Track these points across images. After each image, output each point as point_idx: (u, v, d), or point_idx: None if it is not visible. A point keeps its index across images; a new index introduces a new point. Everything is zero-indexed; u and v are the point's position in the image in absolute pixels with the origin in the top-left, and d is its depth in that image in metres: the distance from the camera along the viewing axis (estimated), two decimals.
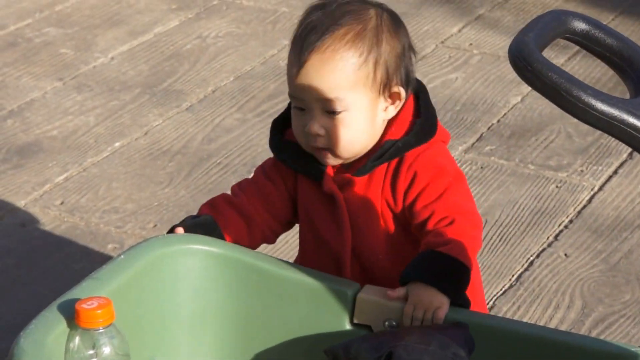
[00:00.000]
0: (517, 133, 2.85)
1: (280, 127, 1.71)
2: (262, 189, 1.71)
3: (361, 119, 1.61)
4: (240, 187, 1.74)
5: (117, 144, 2.82)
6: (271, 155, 1.74)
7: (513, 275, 2.33)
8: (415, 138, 1.63)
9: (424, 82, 3.21)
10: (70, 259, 2.39)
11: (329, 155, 1.63)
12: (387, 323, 1.58)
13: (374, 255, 1.67)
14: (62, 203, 2.59)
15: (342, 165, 1.66)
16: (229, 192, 1.74)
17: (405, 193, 1.64)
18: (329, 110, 1.59)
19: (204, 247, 1.63)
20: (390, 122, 1.65)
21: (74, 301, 1.47)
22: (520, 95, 3.01)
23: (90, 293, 1.50)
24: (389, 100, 1.63)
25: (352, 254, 1.67)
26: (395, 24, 1.63)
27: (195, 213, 1.72)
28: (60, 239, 2.46)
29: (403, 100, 1.64)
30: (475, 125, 2.88)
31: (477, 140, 2.82)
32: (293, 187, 1.71)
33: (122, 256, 1.58)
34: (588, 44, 1.18)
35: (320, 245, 1.69)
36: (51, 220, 2.52)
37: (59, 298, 1.50)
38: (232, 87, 3.08)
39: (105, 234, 2.47)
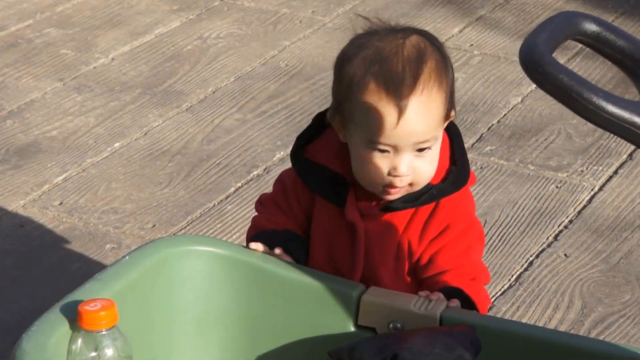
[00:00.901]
0: (517, 133, 2.85)
1: (303, 144, 1.69)
2: (281, 206, 1.71)
3: (438, 150, 1.61)
4: (263, 204, 1.75)
5: (116, 145, 2.81)
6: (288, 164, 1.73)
7: (512, 276, 2.33)
8: (452, 187, 1.64)
9: None
10: (69, 259, 2.38)
11: (402, 191, 1.61)
12: (391, 325, 1.58)
13: (381, 284, 1.67)
14: (60, 204, 2.58)
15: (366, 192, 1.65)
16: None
17: (432, 240, 1.66)
18: (420, 149, 1.57)
19: (208, 249, 1.62)
20: None
21: (77, 303, 1.46)
22: (521, 96, 3.01)
23: (94, 295, 1.49)
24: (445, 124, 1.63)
25: (361, 280, 1.67)
26: (442, 49, 1.62)
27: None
28: (58, 240, 2.45)
29: (451, 119, 1.64)
30: (475, 126, 2.88)
31: (477, 141, 2.82)
32: (308, 206, 1.71)
33: (126, 257, 1.57)
34: (599, 45, 1.18)
35: (331, 265, 1.70)
36: (50, 220, 2.52)
37: (62, 299, 1.50)
38: (232, 87, 3.07)
39: (104, 235, 2.46)
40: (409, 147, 1.57)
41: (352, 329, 1.60)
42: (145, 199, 2.59)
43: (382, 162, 1.58)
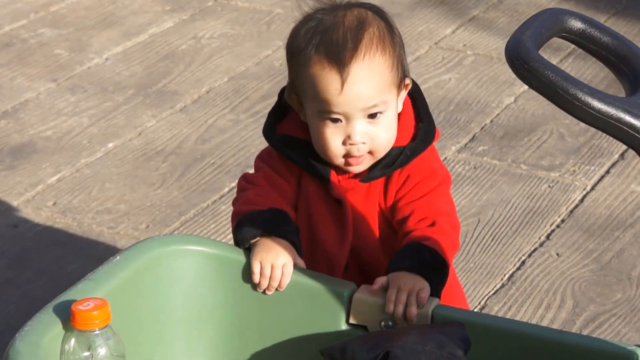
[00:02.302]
0: (510, 133, 2.85)
1: (274, 122, 1.70)
2: (273, 182, 1.70)
3: (394, 117, 1.63)
4: (250, 181, 1.73)
5: (110, 145, 2.82)
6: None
7: (505, 275, 2.34)
8: (423, 144, 1.66)
9: (418, 82, 3.22)
10: (63, 260, 2.39)
11: (364, 161, 1.63)
12: (383, 323, 1.58)
13: (372, 256, 1.68)
14: (54, 204, 2.59)
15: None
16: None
17: (396, 192, 1.68)
18: (371, 115, 1.60)
19: (199, 248, 1.63)
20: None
21: (70, 302, 1.47)
22: (513, 96, 3.02)
23: (86, 294, 1.50)
24: (402, 96, 1.66)
25: (351, 253, 1.68)
26: (388, 18, 1.66)
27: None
28: (52, 240, 2.46)
29: (407, 90, 1.67)
30: (468, 126, 2.89)
31: (470, 141, 2.82)
32: (297, 183, 1.71)
33: (117, 257, 1.58)
34: (584, 42, 1.18)
35: (315, 244, 1.70)
36: (43, 221, 2.52)
37: (55, 299, 1.50)
38: (226, 87, 3.08)
39: (98, 235, 2.47)
40: (359, 113, 1.59)
41: (344, 327, 1.60)
42: (139, 199, 2.60)
43: (336, 132, 1.61)
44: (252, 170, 2.73)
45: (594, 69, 3.13)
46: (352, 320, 1.60)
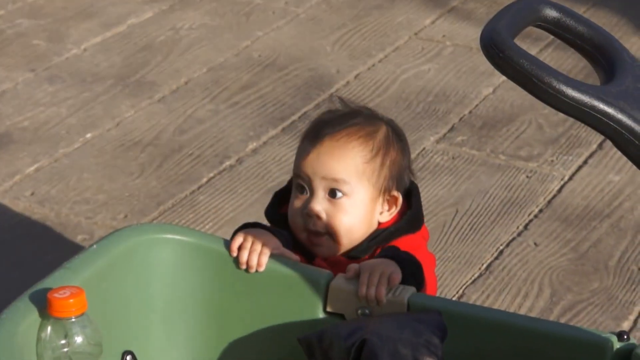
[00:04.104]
0: (489, 124, 2.86)
1: (279, 200, 1.77)
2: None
3: (361, 209, 1.69)
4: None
5: (88, 135, 2.81)
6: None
7: (483, 264, 2.35)
8: (407, 225, 1.72)
9: (397, 73, 3.23)
10: (40, 250, 2.38)
11: (325, 243, 1.69)
12: (360, 311, 1.59)
13: None
14: (32, 194, 2.58)
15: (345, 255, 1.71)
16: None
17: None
18: (332, 190, 1.67)
19: (176, 237, 1.63)
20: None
21: (46, 291, 1.47)
22: (492, 87, 3.03)
23: (63, 283, 1.49)
24: (386, 206, 1.72)
25: None
26: (402, 140, 1.75)
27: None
28: (30, 230, 2.45)
29: (398, 208, 1.73)
30: (447, 116, 2.89)
31: (448, 131, 2.83)
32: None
33: (94, 246, 1.58)
34: (559, 31, 1.19)
35: None
36: (21, 211, 2.51)
37: (31, 288, 1.50)
38: (205, 78, 3.07)
39: (76, 225, 2.46)
40: (320, 183, 1.68)
41: (321, 315, 1.61)
42: (117, 189, 2.59)
43: (300, 202, 1.70)
44: (229, 162, 2.73)
45: (574, 59, 3.14)
46: (329, 309, 1.61)
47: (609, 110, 1.11)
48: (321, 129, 1.72)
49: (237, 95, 2.99)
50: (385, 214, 1.72)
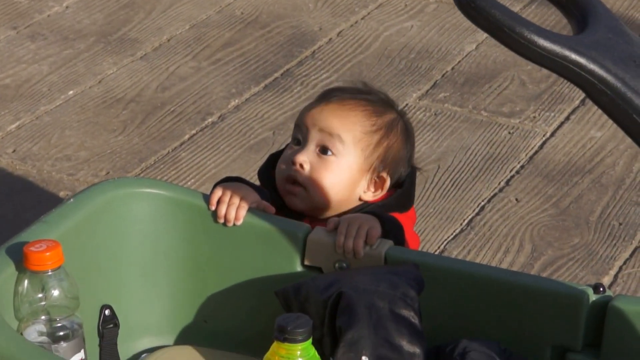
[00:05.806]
0: (471, 80, 2.86)
1: (273, 162, 1.77)
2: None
3: (345, 173, 1.69)
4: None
5: (70, 92, 2.80)
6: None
7: (464, 220, 2.35)
8: (395, 202, 1.72)
9: (379, 30, 3.20)
10: (22, 207, 2.38)
11: (299, 194, 1.69)
12: (337, 265, 1.59)
13: None
14: (14, 151, 2.57)
15: (319, 217, 1.71)
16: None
17: None
18: (324, 147, 1.69)
19: (154, 191, 1.63)
20: None
21: (23, 244, 1.47)
22: (475, 43, 3.02)
23: (39, 236, 1.49)
24: (372, 187, 1.72)
25: None
26: (408, 135, 1.76)
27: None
28: (12, 187, 2.44)
29: (384, 191, 1.73)
30: (429, 73, 2.89)
31: (431, 87, 2.83)
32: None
33: (71, 199, 1.58)
34: None
35: None
36: (3, 168, 2.51)
37: (8, 242, 1.50)
38: (187, 35, 3.06)
39: (58, 182, 2.46)
40: (314, 139, 1.69)
41: (299, 268, 1.61)
42: (99, 146, 2.59)
43: (290, 151, 1.71)
44: (211, 119, 2.72)
45: (557, 15, 3.13)
46: (307, 262, 1.61)
47: (581, 60, 1.10)
48: (332, 92, 1.75)
49: (219, 52, 2.98)
50: (369, 194, 1.73)
